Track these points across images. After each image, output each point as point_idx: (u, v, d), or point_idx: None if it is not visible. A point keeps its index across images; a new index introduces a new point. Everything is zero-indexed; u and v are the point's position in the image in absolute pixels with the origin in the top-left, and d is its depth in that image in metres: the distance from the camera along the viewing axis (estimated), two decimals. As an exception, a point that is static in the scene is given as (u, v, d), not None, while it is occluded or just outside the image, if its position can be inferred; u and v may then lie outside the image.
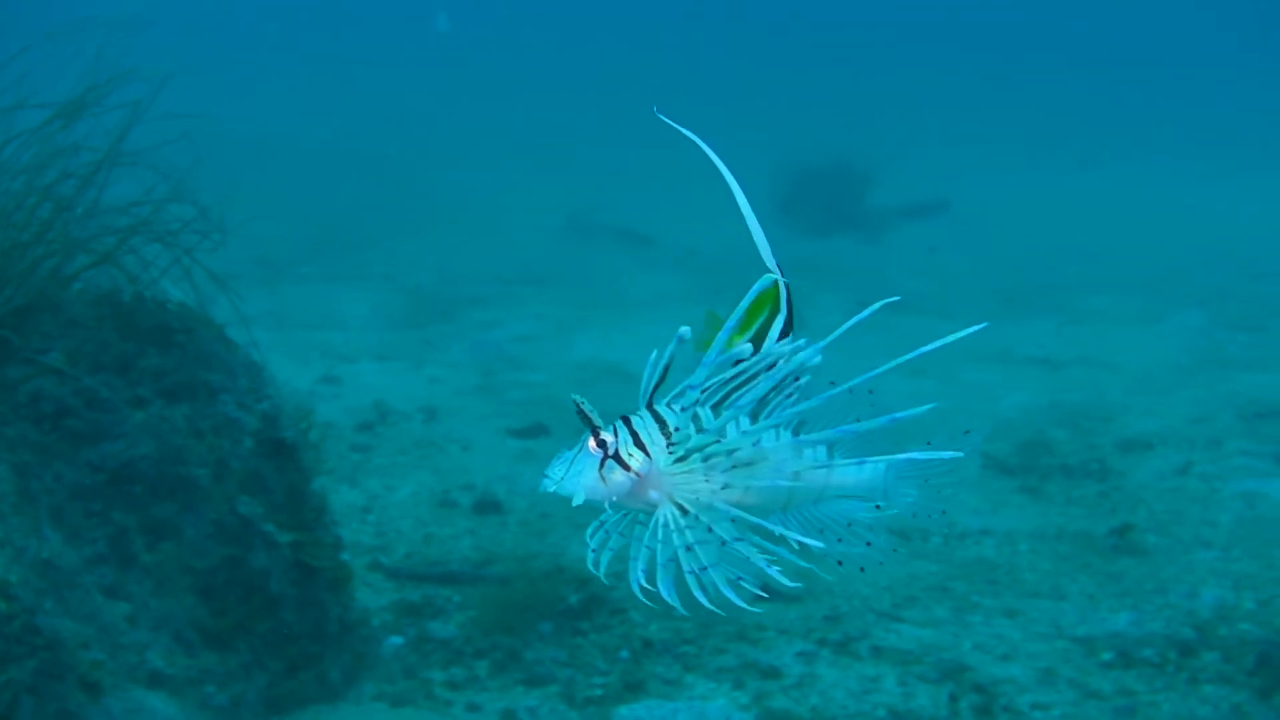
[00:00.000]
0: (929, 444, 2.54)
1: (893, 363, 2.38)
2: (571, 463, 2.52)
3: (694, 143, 2.59)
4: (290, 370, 11.68)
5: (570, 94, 36.94)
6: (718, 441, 2.49)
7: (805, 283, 2.59)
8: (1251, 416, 11.29)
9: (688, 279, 17.60)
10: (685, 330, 2.45)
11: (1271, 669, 6.63)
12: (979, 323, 2.41)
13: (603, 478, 2.51)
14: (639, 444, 2.50)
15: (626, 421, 2.51)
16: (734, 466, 2.52)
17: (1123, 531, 8.55)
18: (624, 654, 6.85)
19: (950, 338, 2.41)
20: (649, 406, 2.53)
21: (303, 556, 6.19)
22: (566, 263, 18.36)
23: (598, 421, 2.49)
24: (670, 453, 2.51)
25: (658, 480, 2.53)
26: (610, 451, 2.50)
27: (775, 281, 2.42)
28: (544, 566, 7.80)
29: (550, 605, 7.27)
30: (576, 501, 2.51)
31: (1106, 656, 6.90)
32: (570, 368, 12.94)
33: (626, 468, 2.50)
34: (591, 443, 2.50)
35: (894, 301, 2.46)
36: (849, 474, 2.60)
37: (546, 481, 2.51)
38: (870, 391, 2.53)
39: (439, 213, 20.85)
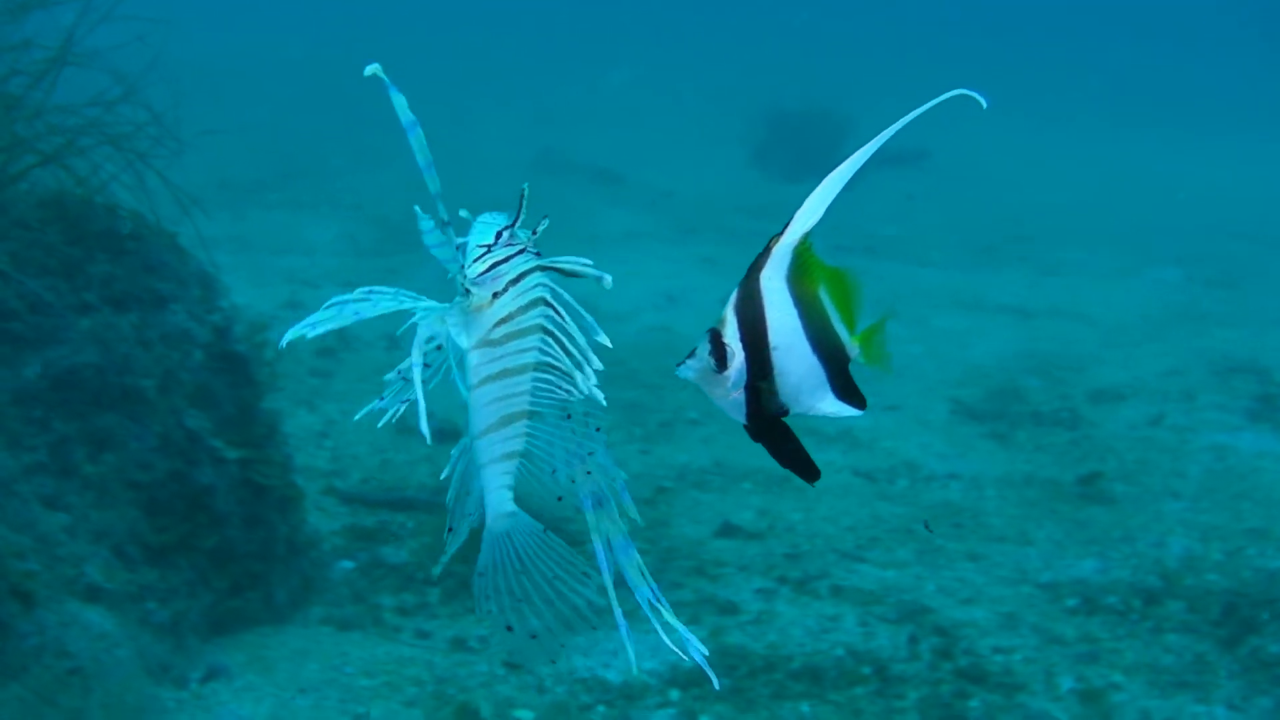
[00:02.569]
0: None
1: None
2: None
3: None
4: (252, 294, 11.47)
5: (545, 30, 36.58)
6: None
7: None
8: (1224, 371, 11.18)
9: (660, 219, 17.42)
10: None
11: (1237, 619, 6.52)
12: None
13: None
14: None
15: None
16: None
17: (1091, 480, 8.43)
18: (579, 585, 6.69)
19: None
20: None
21: (251, 474, 6.01)
22: (537, 197, 18.09)
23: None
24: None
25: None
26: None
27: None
28: (502, 496, 7.63)
29: (506, 534, 7.10)
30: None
31: (1071, 603, 6.78)
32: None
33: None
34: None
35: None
36: None
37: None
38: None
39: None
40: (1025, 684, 5.98)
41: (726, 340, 1.91)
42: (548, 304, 2.17)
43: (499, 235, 2.19)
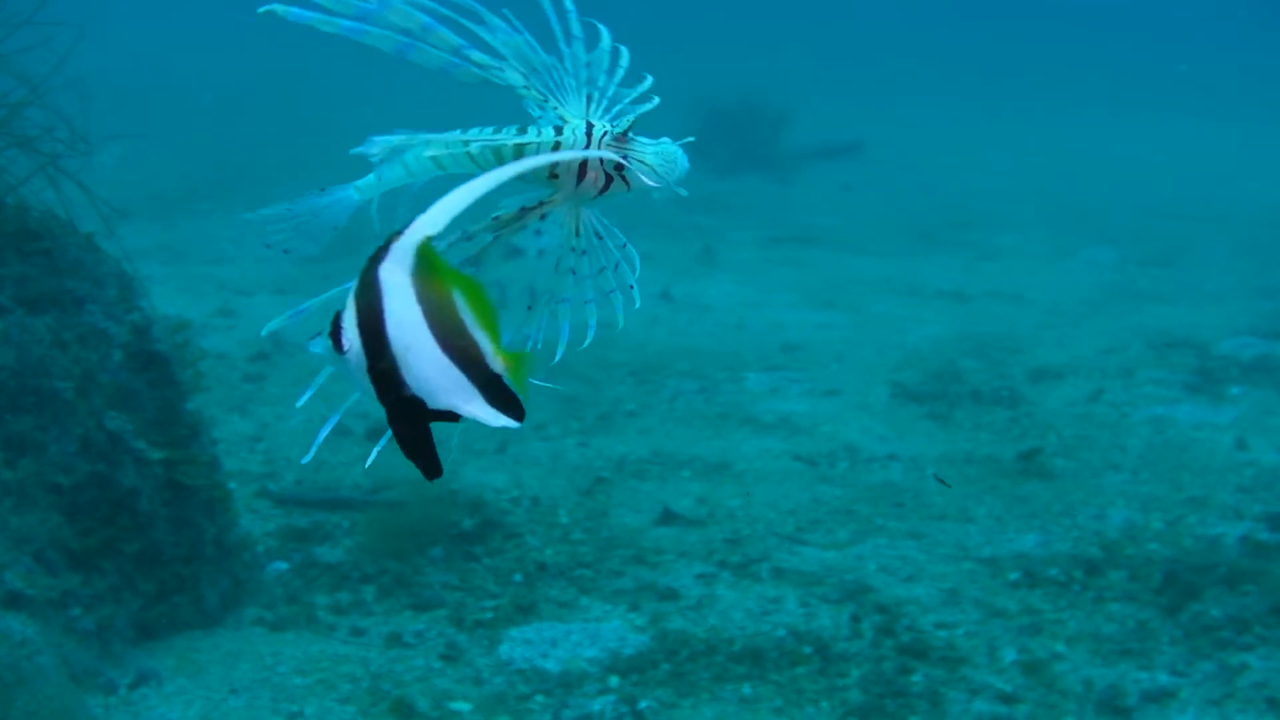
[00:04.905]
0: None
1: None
2: (652, 147, 2.32)
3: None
4: (183, 303, 11.34)
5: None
6: None
7: (715, 220, 2.42)
8: (1161, 346, 11.21)
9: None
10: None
11: (1178, 586, 6.50)
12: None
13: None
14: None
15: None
16: None
17: (1031, 456, 8.41)
18: (517, 577, 6.61)
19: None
20: None
21: (176, 475, 5.89)
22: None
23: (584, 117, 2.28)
24: None
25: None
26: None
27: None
28: (437, 491, 7.54)
29: (443, 530, 7.02)
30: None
31: (1012, 576, 6.75)
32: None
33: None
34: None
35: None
36: None
37: (679, 155, 2.34)
38: None
39: (342, 150, 20.41)
40: (968, 657, 5.93)
41: (344, 325, 1.90)
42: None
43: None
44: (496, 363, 1.93)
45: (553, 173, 2.29)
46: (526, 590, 6.49)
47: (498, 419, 1.93)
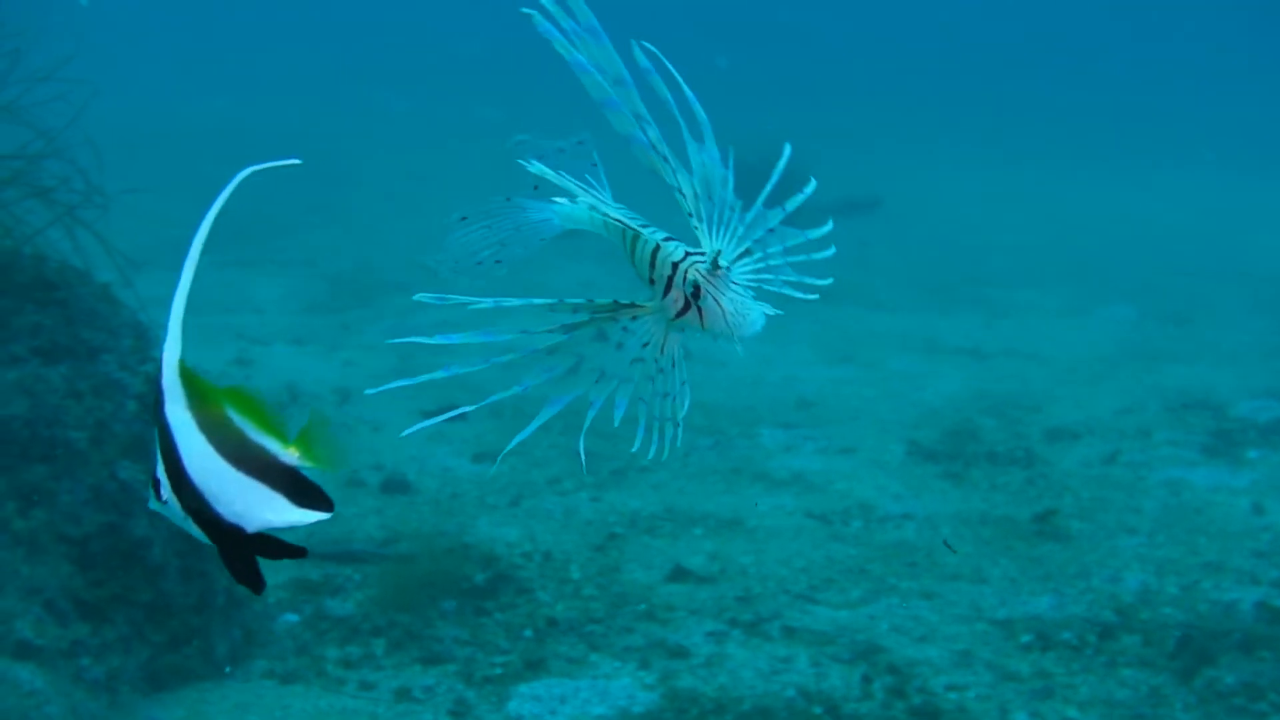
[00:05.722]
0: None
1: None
2: (743, 298, 2.41)
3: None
4: (201, 353, 11.28)
5: (495, 85, 36.62)
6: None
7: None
8: (1178, 407, 11.17)
9: (613, 269, 17.34)
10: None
11: (1192, 652, 6.45)
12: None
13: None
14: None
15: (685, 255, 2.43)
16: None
17: (1047, 517, 8.37)
18: (528, 633, 6.59)
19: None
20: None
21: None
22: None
23: (711, 254, 2.39)
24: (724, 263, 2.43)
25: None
26: (730, 275, 2.42)
27: None
28: (450, 545, 7.54)
29: (454, 584, 7.01)
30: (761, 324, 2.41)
31: (1025, 639, 6.71)
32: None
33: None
34: (718, 270, 2.40)
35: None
36: None
37: (757, 320, 2.40)
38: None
39: (361, 200, 20.51)
40: (979, 721, 5.90)
41: (158, 476, 2.04)
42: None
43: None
44: (288, 455, 1.98)
45: (652, 277, 2.41)
46: (537, 646, 6.47)
47: (307, 516, 2.00)
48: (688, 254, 2.40)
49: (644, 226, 2.45)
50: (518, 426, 2.61)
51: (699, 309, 2.37)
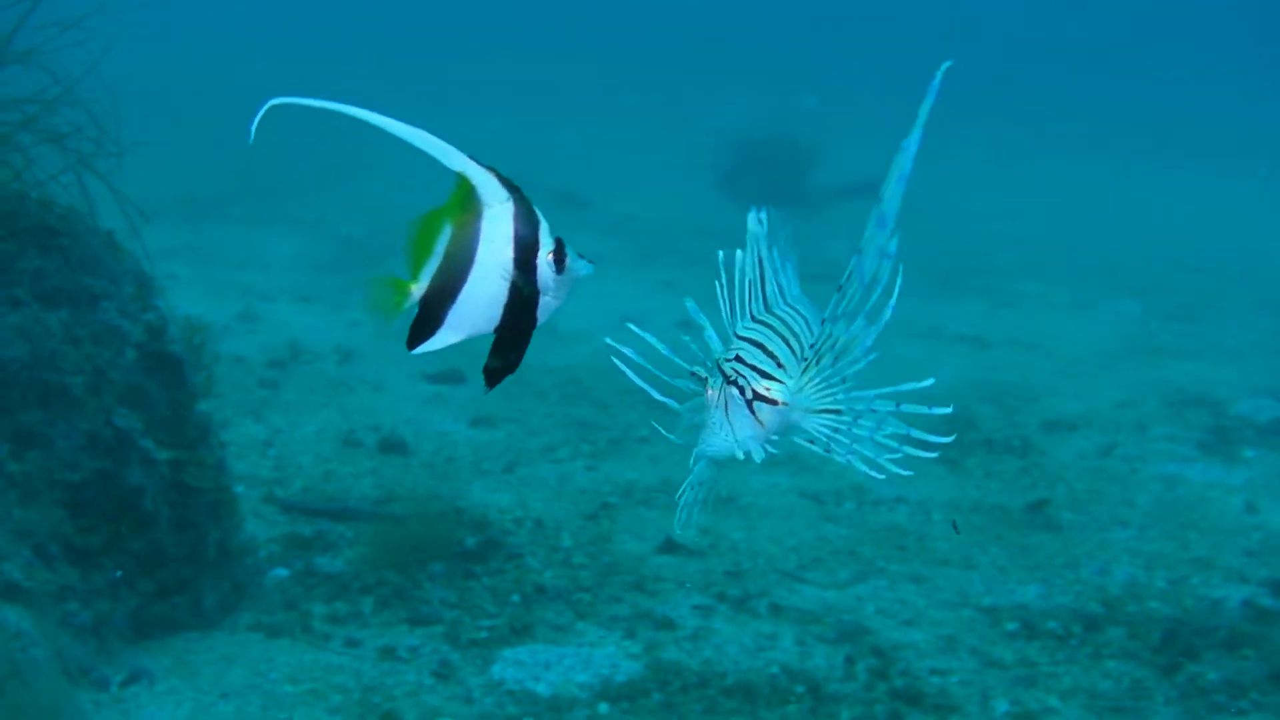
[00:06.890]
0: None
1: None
2: (728, 423, 2.50)
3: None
4: (206, 305, 11.37)
5: (513, 58, 36.58)
6: (833, 347, 2.54)
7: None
8: (1178, 403, 11.17)
9: (623, 243, 17.36)
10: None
11: (1177, 646, 6.47)
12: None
13: (759, 421, 2.48)
14: (761, 374, 2.52)
15: (737, 360, 2.52)
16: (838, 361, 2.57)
17: (1039, 507, 8.39)
18: (515, 598, 6.62)
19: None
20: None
21: (182, 476, 5.92)
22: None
23: (727, 371, 2.49)
24: (791, 373, 2.54)
25: (793, 401, 2.52)
26: (749, 396, 2.49)
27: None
28: (442, 508, 7.56)
29: (445, 547, 7.04)
30: (761, 458, 2.48)
31: (1011, 627, 6.73)
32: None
33: (773, 401, 2.50)
34: (737, 394, 2.49)
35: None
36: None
37: (730, 449, 2.49)
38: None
39: (373, 162, 20.49)
40: (960, 706, 5.92)
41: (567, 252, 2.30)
42: None
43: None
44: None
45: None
46: (523, 611, 6.49)
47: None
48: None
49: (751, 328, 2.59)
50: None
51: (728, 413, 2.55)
